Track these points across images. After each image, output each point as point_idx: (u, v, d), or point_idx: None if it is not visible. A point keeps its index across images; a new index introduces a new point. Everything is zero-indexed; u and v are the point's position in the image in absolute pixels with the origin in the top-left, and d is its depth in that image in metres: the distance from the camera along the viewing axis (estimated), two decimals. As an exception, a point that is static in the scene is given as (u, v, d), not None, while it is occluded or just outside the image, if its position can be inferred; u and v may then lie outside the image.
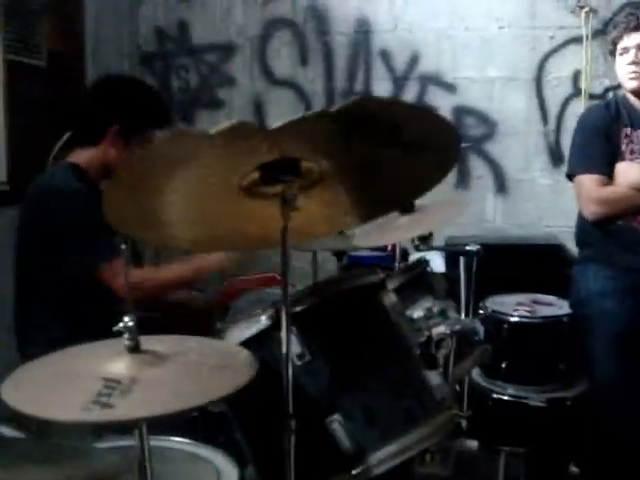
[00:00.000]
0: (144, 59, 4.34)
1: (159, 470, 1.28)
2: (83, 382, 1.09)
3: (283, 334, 1.25)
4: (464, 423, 2.23)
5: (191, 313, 3.66)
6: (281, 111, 4.15)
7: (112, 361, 1.15)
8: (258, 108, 4.21)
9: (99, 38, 3.97)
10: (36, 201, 2.19)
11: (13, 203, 2.36)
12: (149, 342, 1.20)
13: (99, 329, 2.10)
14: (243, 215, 1.33)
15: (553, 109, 3.82)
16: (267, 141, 1.09)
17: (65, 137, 2.91)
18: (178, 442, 1.63)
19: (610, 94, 3.63)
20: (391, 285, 1.69)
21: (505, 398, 2.76)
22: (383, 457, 1.33)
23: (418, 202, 1.87)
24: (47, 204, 2.15)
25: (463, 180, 3.94)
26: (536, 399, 2.72)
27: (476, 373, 2.84)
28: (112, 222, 1.21)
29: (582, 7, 3.67)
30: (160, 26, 4.30)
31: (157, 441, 1.47)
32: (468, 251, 2.21)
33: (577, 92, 3.75)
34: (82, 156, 2.24)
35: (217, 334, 3.41)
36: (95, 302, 2.17)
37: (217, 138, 1.04)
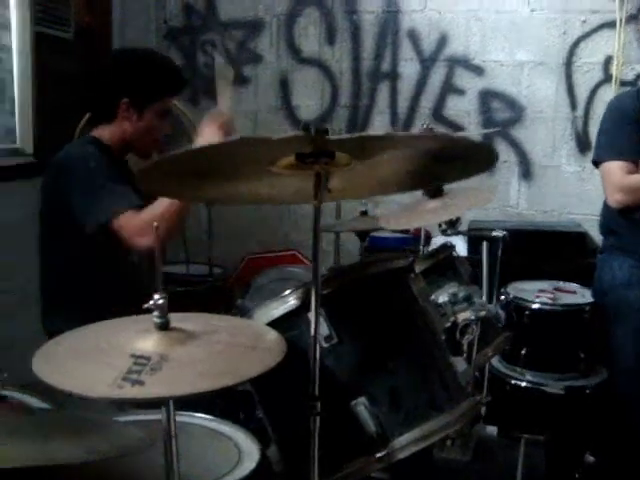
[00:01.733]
0: (171, 34, 4.33)
1: (181, 446, 1.28)
2: (113, 358, 1.10)
3: (312, 316, 1.24)
4: (483, 409, 2.23)
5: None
6: (307, 90, 4.14)
7: (141, 338, 1.15)
8: (284, 86, 4.19)
9: (126, 12, 3.97)
10: (54, 170, 2.19)
11: (39, 174, 2.39)
12: (177, 320, 1.20)
13: (122, 302, 2.14)
14: (276, 183, 1.31)
15: (582, 95, 3.76)
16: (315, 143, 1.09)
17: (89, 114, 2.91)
18: (200, 418, 1.64)
19: (641, 81, 3.58)
20: (418, 269, 1.68)
21: (523, 384, 2.75)
22: (407, 442, 1.33)
23: (447, 186, 1.86)
24: (61, 170, 2.14)
25: (488, 164, 3.91)
26: (554, 386, 2.72)
27: (495, 359, 2.83)
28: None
29: (616, -9, 3.60)
30: (188, 1, 4.28)
31: (179, 416, 1.47)
32: (494, 237, 2.19)
33: (608, 78, 3.69)
34: (103, 133, 2.23)
35: (238, 310, 3.43)
36: (116, 273, 2.18)
37: (276, 142, 1.04)
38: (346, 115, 4.10)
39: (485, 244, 2.47)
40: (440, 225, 2.01)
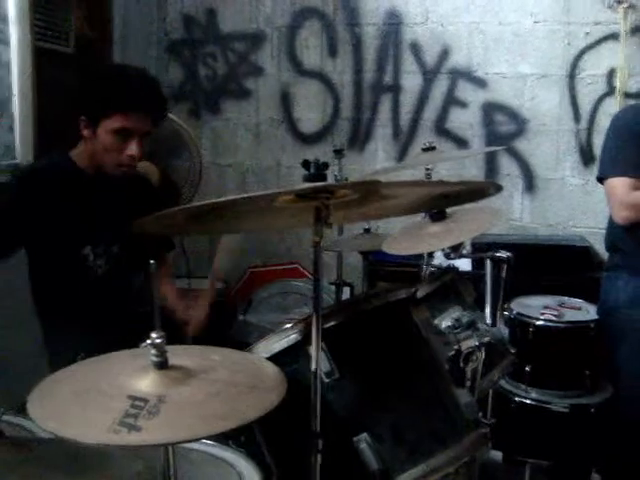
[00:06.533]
0: (172, 46, 4.32)
1: (182, 473, 1.26)
2: (109, 400, 1.07)
3: (313, 351, 1.22)
4: (488, 433, 2.20)
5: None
6: (308, 103, 4.12)
7: (139, 377, 1.12)
8: (285, 99, 4.17)
9: (127, 25, 3.95)
10: None
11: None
12: (175, 355, 1.18)
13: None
14: (277, 215, 1.30)
15: (586, 107, 3.73)
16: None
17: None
18: (201, 443, 1.61)
19: (646, 93, 3.56)
20: (420, 293, 1.65)
21: (528, 402, 2.73)
22: (410, 478, 1.30)
23: (450, 209, 1.83)
24: None
25: (491, 177, 3.89)
26: (559, 404, 2.70)
27: (500, 376, 2.81)
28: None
29: (620, 2, 3.57)
30: (188, 13, 4.27)
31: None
32: (499, 257, 2.17)
33: (611, 90, 3.67)
34: (77, 150, 2.26)
35: (239, 325, 3.40)
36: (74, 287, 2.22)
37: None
38: (348, 128, 4.08)
39: (489, 262, 2.44)
40: (443, 248, 1.99)
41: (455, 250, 1.97)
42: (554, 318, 2.79)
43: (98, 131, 2.14)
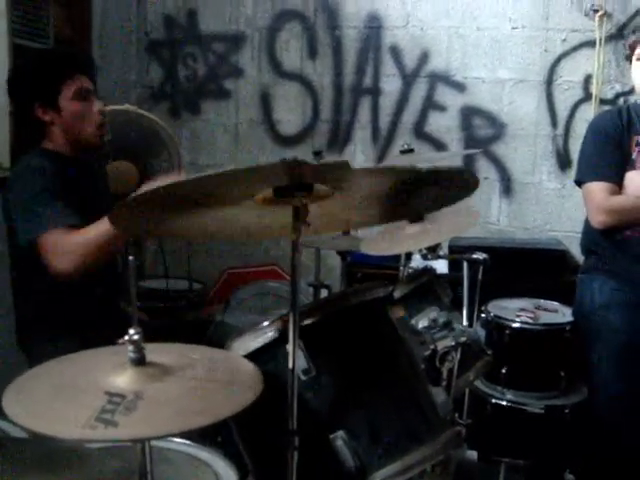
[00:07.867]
0: (151, 46, 4.30)
1: (159, 473, 1.26)
2: (86, 396, 1.07)
3: (290, 348, 1.23)
4: (463, 431, 2.21)
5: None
6: (288, 104, 4.12)
7: (116, 374, 1.12)
8: (265, 100, 4.17)
9: (106, 24, 3.93)
10: (4, 189, 2.19)
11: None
12: (153, 352, 1.18)
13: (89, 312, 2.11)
14: (255, 219, 1.30)
15: (562, 113, 3.78)
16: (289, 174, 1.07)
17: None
18: (178, 443, 1.61)
19: (621, 100, 3.61)
20: (398, 293, 1.67)
21: (504, 403, 2.75)
22: (386, 475, 1.31)
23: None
24: (7, 188, 2.16)
25: (469, 181, 3.91)
26: (534, 406, 2.72)
27: (476, 377, 2.82)
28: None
29: (596, 11, 3.63)
30: (169, 13, 4.26)
31: (156, 441, 1.44)
32: (475, 259, 2.19)
33: (587, 97, 3.72)
34: (49, 143, 2.23)
35: (216, 326, 3.39)
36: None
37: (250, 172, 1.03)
38: (327, 130, 4.09)
39: (466, 264, 2.46)
40: (421, 250, 2.01)
41: (432, 251, 1.98)
42: (530, 320, 2.81)
43: (61, 105, 2.15)
